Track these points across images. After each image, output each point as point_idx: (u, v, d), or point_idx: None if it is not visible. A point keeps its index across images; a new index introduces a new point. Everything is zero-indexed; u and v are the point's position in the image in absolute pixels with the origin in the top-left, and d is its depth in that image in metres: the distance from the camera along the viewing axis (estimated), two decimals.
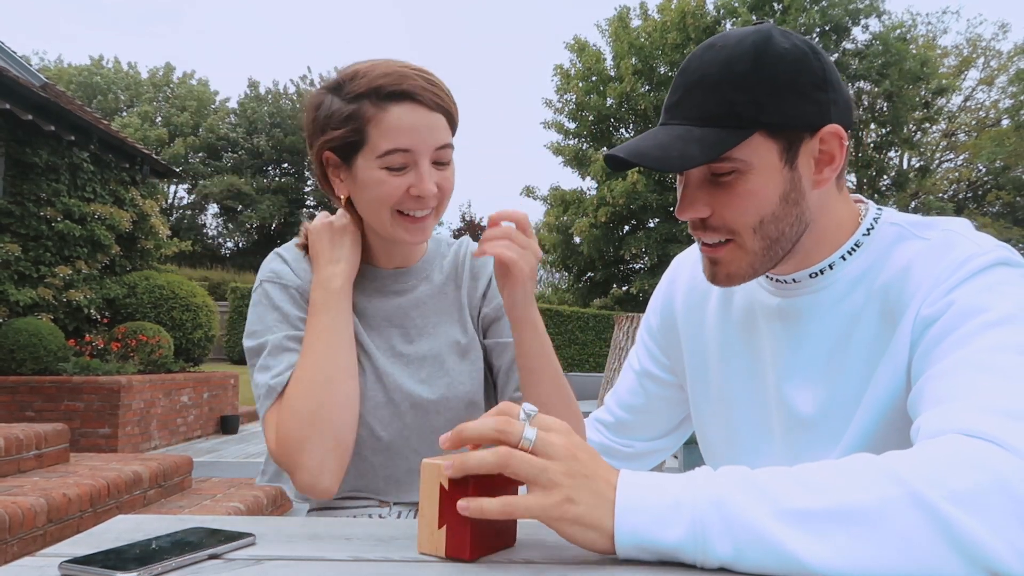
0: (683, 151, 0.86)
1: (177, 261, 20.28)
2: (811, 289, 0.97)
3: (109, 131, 9.11)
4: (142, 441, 7.39)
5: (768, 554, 0.62)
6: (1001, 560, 0.59)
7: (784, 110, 0.87)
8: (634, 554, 0.65)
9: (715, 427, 1.11)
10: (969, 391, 0.74)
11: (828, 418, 0.95)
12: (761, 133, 0.87)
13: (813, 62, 0.89)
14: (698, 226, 0.93)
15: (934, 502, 0.61)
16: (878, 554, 0.60)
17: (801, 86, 0.88)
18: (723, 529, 0.63)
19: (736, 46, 0.88)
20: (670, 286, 1.21)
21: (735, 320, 1.08)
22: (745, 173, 0.88)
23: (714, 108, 0.87)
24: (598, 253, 21.91)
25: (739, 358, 1.07)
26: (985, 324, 0.79)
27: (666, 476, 0.68)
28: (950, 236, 0.90)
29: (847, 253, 0.95)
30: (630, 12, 21.92)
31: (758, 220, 0.90)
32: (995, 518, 0.60)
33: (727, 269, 0.95)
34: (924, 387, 0.80)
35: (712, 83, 0.87)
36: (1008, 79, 24.27)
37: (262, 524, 0.82)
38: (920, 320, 0.86)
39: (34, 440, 3.83)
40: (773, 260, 0.93)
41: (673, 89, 0.92)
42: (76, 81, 30.44)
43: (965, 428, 0.69)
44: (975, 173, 26.07)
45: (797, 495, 0.63)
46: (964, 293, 0.83)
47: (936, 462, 0.64)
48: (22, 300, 7.73)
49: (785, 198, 0.90)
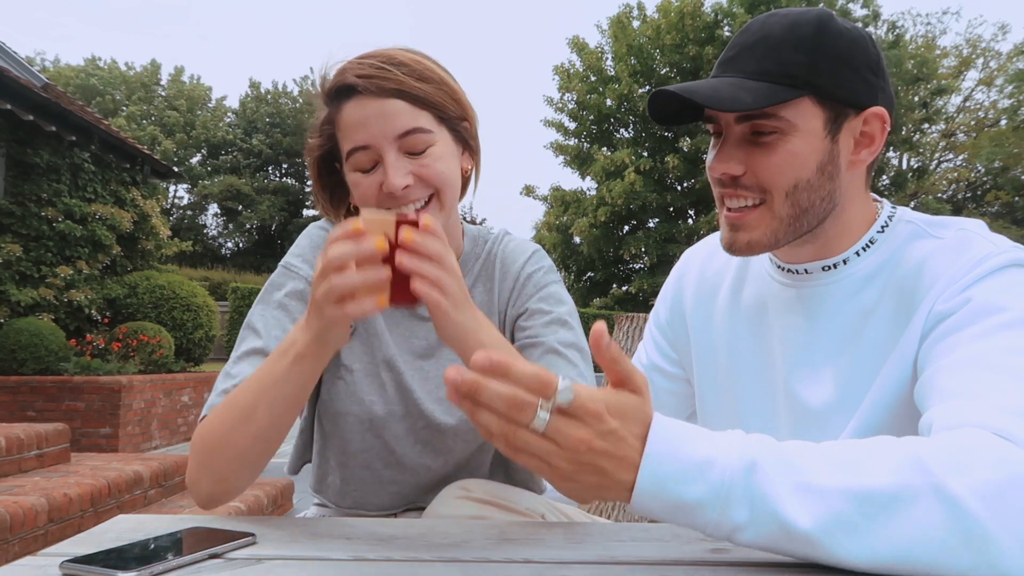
0: (734, 95, 0.87)
1: (177, 261, 20.29)
2: (823, 282, 0.98)
3: (110, 131, 9.11)
4: (143, 441, 7.39)
5: (779, 529, 0.62)
6: (1007, 555, 0.59)
7: (837, 80, 0.89)
8: (647, 503, 0.63)
9: (721, 420, 1.11)
10: (987, 389, 0.74)
11: (835, 412, 0.95)
12: (811, 98, 0.89)
13: (870, 46, 0.92)
14: (729, 184, 0.94)
15: (956, 494, 0.60)
16: (891, 539, 0.60)
17: (857, 63, 0.90)
18: (744, 494, 0.62)
19: (801, 15, 0.91)
20: (680, 279, 1.21)
21: (745, 313, 1.08)
22: (787, 134, 0.90)
23: (770, 65, 0.89)
24: (598, 253, 21.89)
25: (748, 350, 1.07)
26: (1002, 324, 0.80)
27: (698, 430, 0.66)
28: (966, 235, 0.91)
29: (862, 249, 0.96)
30: (631, 12, 21.90)
31: (793, 184, 0.91)
32: (1008, 515, 0.60)
33: (749, 235, 0.94)
34: (935, 379, 0.80)
35: (774, 43, 0.90)
36: (1007, 79, 24.23)
37: (262, 524, 0.82)
38: (933, 315, 0.86)
39: (35, 440, 3.83)
40: (797, 232, 0.94)
41: (730, 47, 0.95)
42: (73, 83, 30.34)
43: (984, 424, 0.69)
44: (974, 173, 26.04)
45: (819, 470, 0.63)
46: (980, 291, 0.84)
47: (960, 453, 0.64)
48: (23, 300, 7.72)
49: (822, 169, 0.92)
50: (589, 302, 23.47)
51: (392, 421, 1.09)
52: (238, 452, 0.89)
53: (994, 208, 24.98)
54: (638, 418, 0.65)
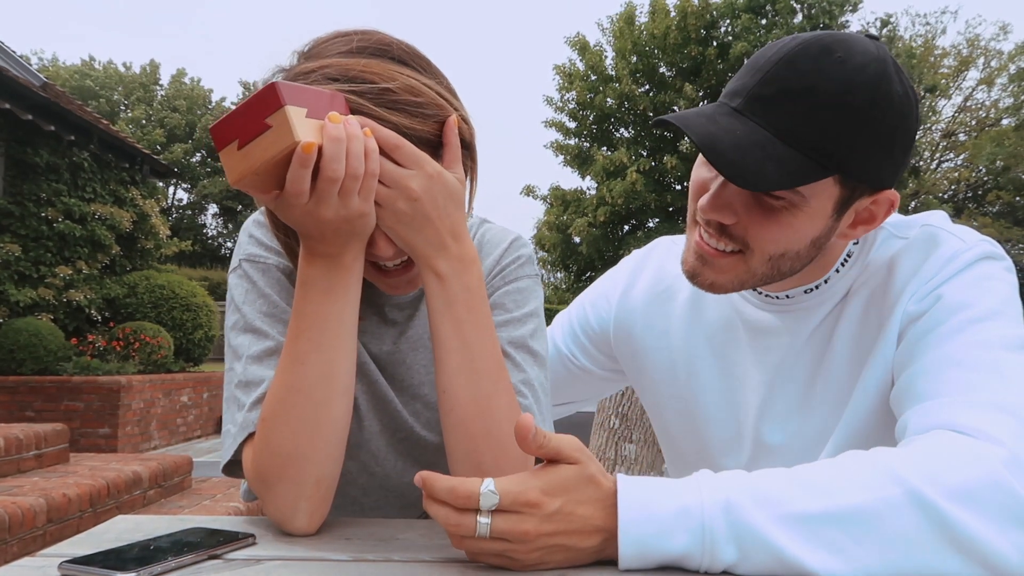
0: (759, 168, 0.77)
1: (177, 261, 20.27)
2: (804, 304, 0.96)
3: (109, 131, 9.11)
4: (142, 441, 7.39)
5: (771, 559, 0.62)
6: (998, 555, 0.60)
7: (869, 164, 0.81)
8: (636, 564, 0.64)
9: (689, 440, 1.10)
10: (954, 387, 0.75)
11: (816, 428, 0.95)
12: (836, 177, 0.81)
13: (913, 120, 0.82)
14: (715, 226, 0.88)
15: (933, 500, 0.61)
16: (880, 554, 0.61)
17: (894, 143, 0.81)
18: (729, 534, 0.63)
19: (859, 71, 0.78)
20: (627, 291, 1.15)
21: (708, 330, 1.05)
22: (796, 208, 0.83)
23: (808, 132, 0.78)
24: (597, 253, 21.89)
25: (711, 372, 1.04)
26: (969, 320, 0.80)
27: (665, 483, 0.67)
28: (931, 231, 0.90)
29: (840, 265, 0.94)
30: (636, 11, 21.88)
31: (781, 252, 0.86)
32: (989, 514, 0.61)
33: (715, 276, 0.90)
34: (908, 383, 0.81)
35: (821, 104, 0.78)
36: (1008, 78, 24.25)
37: (262, 524, 0.82)
38: (906, 316, 0.86)
39: (34, 440, 3.82)
40: (765, 284, 0.91)
41: (768, 77, 0.80)
42: (69, 85, 30.27)
43: (953, 424, 0.70)
44: (975, 173, 26.05)
45: (798, 498, 0.63)
46: (951, 288, 0.84)
47: (930, 459, 0.65)
48: (22, 300, 7.72)
49: (815, 242, 0.87)
50: None
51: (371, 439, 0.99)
52: (337, 425, 0.79)
53: (995, 208, 24.97)
54: (581, 486, 0.65)
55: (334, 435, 0.79)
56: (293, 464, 0.77)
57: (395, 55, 0.81)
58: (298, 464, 0.77)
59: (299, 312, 0.79)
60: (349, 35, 0.83)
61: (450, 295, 0.80)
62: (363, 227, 0.76)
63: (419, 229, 0.77)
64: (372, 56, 0.80)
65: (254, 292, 0.90)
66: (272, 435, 0.78)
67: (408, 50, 0.83)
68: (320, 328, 0.78)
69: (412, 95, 0.78)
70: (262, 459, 0.79)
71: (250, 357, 0.86)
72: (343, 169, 0.71)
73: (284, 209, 0.74)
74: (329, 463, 0.79)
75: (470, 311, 0.80)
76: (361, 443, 0.97)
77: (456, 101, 0.85)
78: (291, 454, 0.77)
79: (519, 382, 0.87)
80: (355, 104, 0.76)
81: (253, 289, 0.91)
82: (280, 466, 0.77)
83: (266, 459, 0.78)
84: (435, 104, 0.80)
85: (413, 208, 0.76)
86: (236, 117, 0.70)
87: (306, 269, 0.78)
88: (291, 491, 0.77)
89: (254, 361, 0.86)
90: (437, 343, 0.81)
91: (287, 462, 0.77)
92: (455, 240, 0.79)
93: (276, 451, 0.78)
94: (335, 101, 0.74)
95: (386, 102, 0.77)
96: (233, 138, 0.70)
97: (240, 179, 0.71)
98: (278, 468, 0.77)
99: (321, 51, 0.82)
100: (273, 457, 0.78)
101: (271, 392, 0.80)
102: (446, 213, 0.78)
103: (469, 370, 0.80)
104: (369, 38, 0.82)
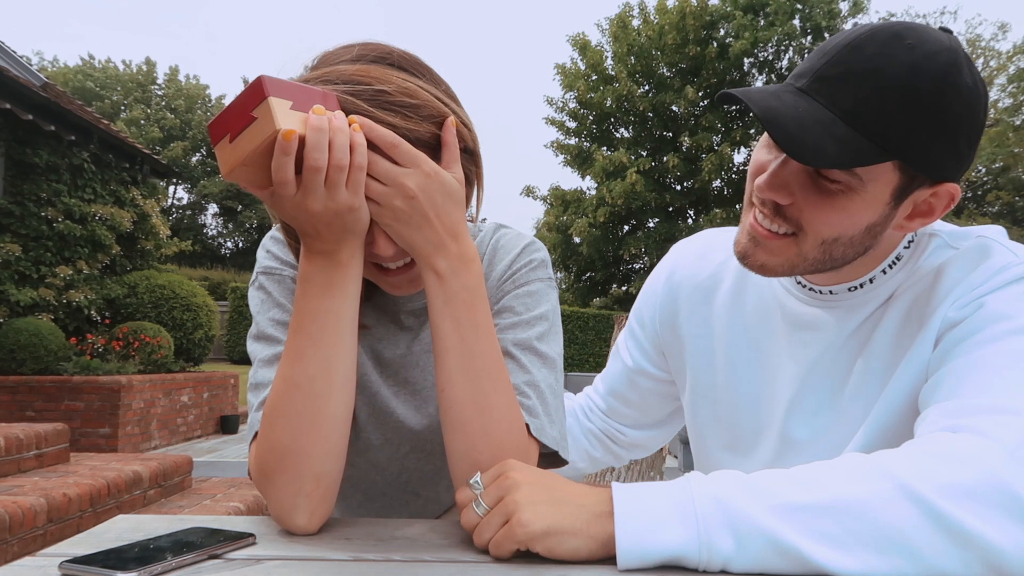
0: (817, 143, 0.77)
1: (177, 261, 20.29)
2: (847, 302, 0.95)
3: (109, 131, 9.11)
4: (142, 441, 7.39)
5: (768, 546, 0.62)
6: (997, 550, 0.60)
7: (931, 154, 0.80)
8: (635, 563, 0.64)
9: (715, 432, 1.09)
10: (972, 390, 0.75)
11: (845, 425, 0.94)
12: (895, 162, 0.81)
13: (981, 113, 0.81)
14: (769, 207, 0.87)
15: (925, 495, 0.61)
16: (875, 545, 0.61)
17: (959, 135, 0.80)
18: (724, 524, 0.63)
19: (927, 58, 0.77)
20: (670, 281, 1.16)
21: (747, 321, 1.05)
22: (853, 191, 0.82)
23: (871, 113, 0.78)
24: (597, 253, 21.90)
25: (746, 363, 1.04)
26: (1007, 331, 0.79)
27: (657, 484, 0.68)
28: (985, 243, 0.89)
29: (888, 267, 0.93)
30: (631, 11, 21.88)
31: (834, 236, 0.85)
32: (987, 510, 0.61)
33: (767, 258, 0.89)
34: (934, 384, 0.81)
35: (885, 85, 0.77)
36: (1007, 78, 24.23)
37: (262, 524, 0.82)
38: (946, 322, 0.85)
39: (34, 440, 3.82)
40: (817, 270, 0.90)
41: (836, 57, 0.80)
42: (70, 86, 30.21)
43: (951, 424, 0.71)
44: (975, 173, 26.04)
45: (787, 491, 0.64)
46: (995, 299, 0.82)
47: (924, 458, 0.65)
48: (22, 300, 7.72)
49: (870, 229, 0.85)
50: (589, 302, 23.48)
51: (373, 449, 1.01)
52: (324, 436, 0.79)
53: (995, 208, 24.98)
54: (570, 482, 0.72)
55: (333, 431, 0.79)
56: (292, 459, 0.78)
57: (394, 61, 0.82)
58: (296, 459, 0.78)
59: (299, 309, 0.80)
60: (352, 46, 0.84)
61: (449, 294, 0.80)
62: (355, 222, 0.76)
63: (417, 227, 0.77)
64: (371, 63, 0.81)
65: (269, 302, 0.93)
66: (271, 430, 0.79)
67: (408, 57, 0.83)
68: (319, 324, 0.78)
69: (408, 97, 0.78)
70: (262, 454, 0.79)
71: (261, 361, 0.90)
72: (325, 158, 0.71)
73: (276, 203, 0.75)
74: (329, 459, 0.79)
75: (469, 310, 0.81)
76: (369, 447, 1.00)
77: (457, 107, 0.85)
78: (290, 448, 0.78)
79: (523, 383, 0.87)
80: (351, 105, 0.76)
81: (268, 299, 0.94)
82: (279, 460, 0.78)
83: (266, 454, 0.79)
84: (432, 107, 0.80)
85: (411, 206, 0.76)
86: (228, 112, 0.72)
87: (305, 266, 0.79)
88: (290, 486, 0.77)
89: (264, 365, 0.89)
90: (436, 341, 0.82)
91: (286, 456, 0.78)
92: (454, 239, 0.79)
93: (275, 445, 0.78)
94: (327, 100, 0.75)
95: (382, 103, 0.77)
96: (226, 132, 0.72)
97: (231, 171, 0.72)
98: (277, 462, 0.78)
99: (325, 61, 0.83)
100: (272, 451, 0.78)
101: (272, 388, 0.81)
102: (445, 212, 0.78)
103: (467, 368, 0.80)
104: (370, 47, 0.83)
